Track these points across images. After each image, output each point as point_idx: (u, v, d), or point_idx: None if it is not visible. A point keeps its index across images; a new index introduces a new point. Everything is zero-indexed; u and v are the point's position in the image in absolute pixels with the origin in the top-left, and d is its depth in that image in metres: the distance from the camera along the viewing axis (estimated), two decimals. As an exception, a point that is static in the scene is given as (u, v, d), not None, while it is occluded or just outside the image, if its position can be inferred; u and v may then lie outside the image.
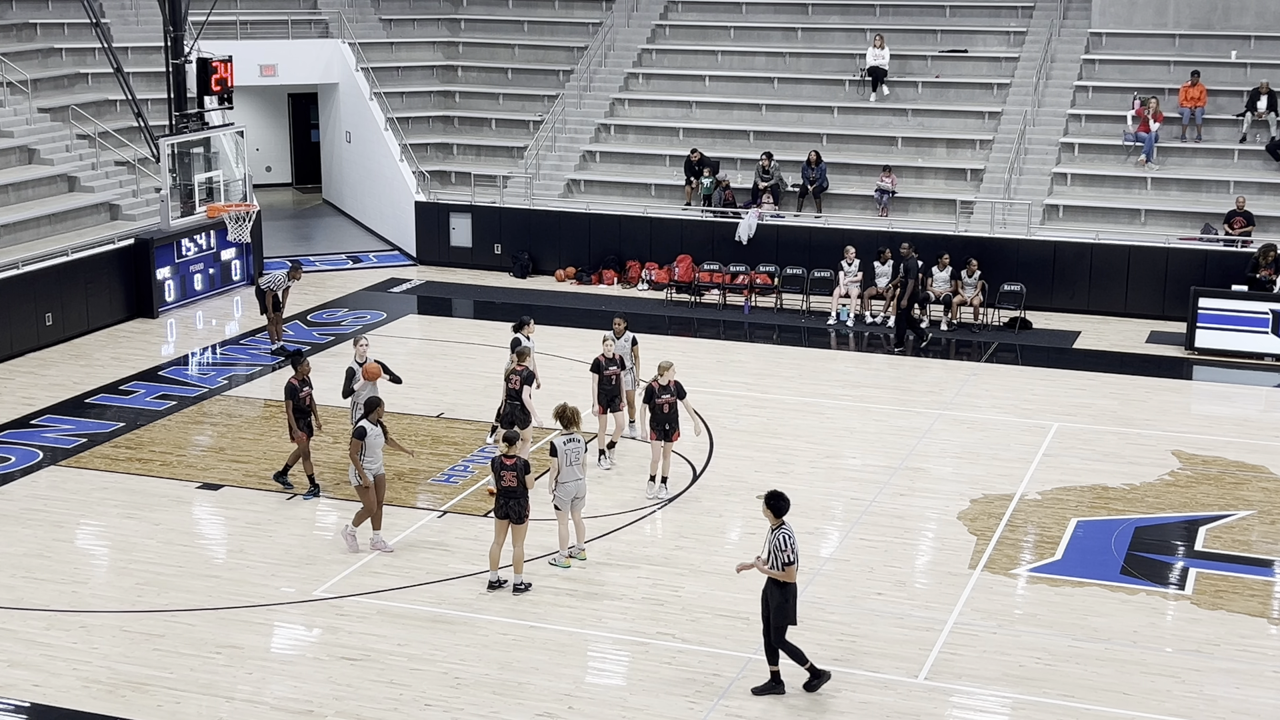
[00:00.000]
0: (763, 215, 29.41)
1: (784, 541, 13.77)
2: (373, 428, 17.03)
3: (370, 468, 16.98)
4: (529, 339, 20.53)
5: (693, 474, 19.68)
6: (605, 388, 19.80)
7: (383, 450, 17.22)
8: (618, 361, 19.96)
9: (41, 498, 18.91)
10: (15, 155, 28.35)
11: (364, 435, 16.94)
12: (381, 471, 17.20)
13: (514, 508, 16.00)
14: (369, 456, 16.96)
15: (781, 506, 13.97)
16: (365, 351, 19.41)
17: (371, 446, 16.99)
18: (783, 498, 14.03)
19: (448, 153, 34.06)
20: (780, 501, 13.98)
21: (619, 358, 20.06)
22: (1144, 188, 29.18)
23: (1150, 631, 15.44)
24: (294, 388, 18.66)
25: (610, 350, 19.95)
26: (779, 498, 13.99)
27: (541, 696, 13.91)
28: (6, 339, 24.65)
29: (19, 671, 14.47)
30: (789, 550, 13.74)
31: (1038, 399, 22.92)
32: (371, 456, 16.99)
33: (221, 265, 29.15)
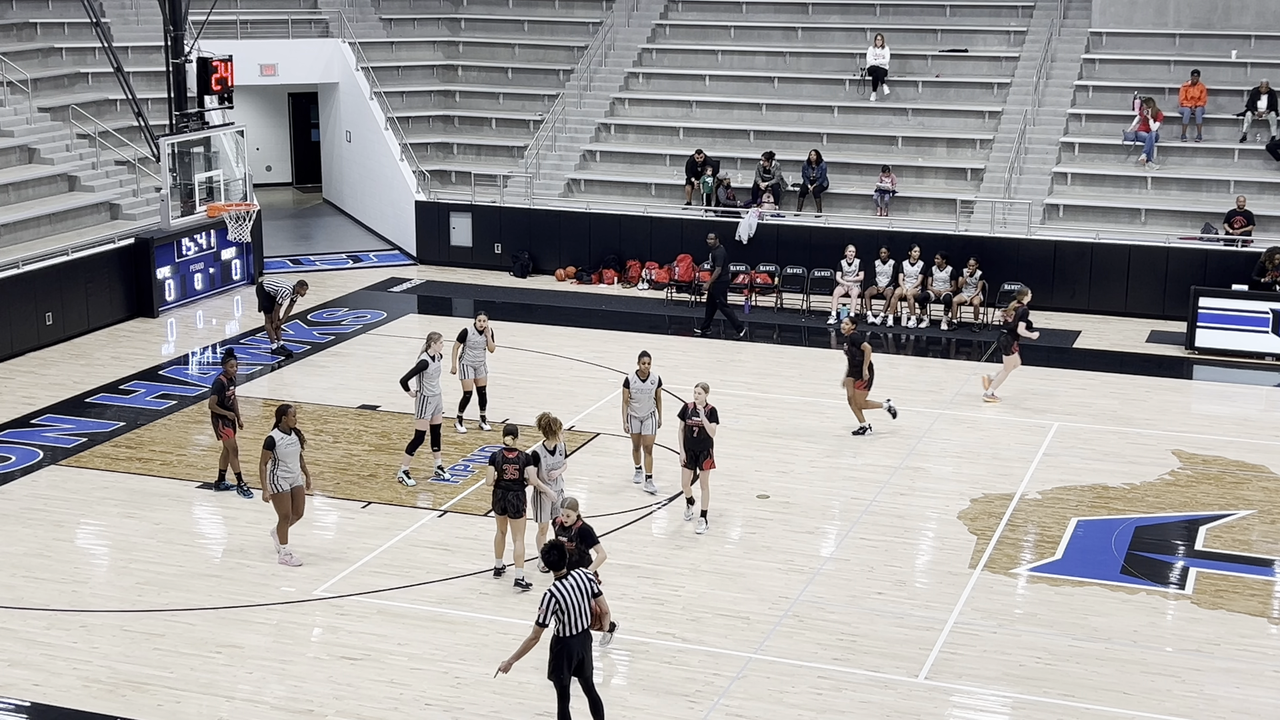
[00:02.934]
0: (763, 215, 29.41)
1: (544, 598, 12.63)
2: (284, 436, 16.49)
3: (287, 476, 16.50)
4: (480, 332, 20.83)
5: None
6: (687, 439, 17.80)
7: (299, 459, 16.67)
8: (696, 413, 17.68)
9: (42, 497, 18.91)
10: (15, 155, 28.35)
11: (273, 445, 16.41)
12: (299, 483, 16.65)
13: (512, 501, 16.04)
14: (282, 466, 16.47)
15: (551, 559, 12.76)
16: (439, 347, 19.30)
17: (284, 455, 16.45)
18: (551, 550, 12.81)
19: (448, 152, 34.05)
20: (551, 553, 12.78)
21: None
22: (1144, 187, 29.18)
23: (1150, 631, 15.44)
24: (221, 385, 18.61)
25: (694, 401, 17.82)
26: (549, 550, 12.82)
27: (542, 696, 13.90)
28: (7, 338, 24.65)
29: (19, 671, 14.47)
30: (541, 609, 12.58)
31: (1038, 398, 22.92)
32: (286, 465, 16.48)
33: (222, 265, 29.15)
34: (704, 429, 17.53)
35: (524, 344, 25.51)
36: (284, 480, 16.59)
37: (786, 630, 15.36)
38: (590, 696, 12.96)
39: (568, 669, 12.74)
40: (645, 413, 18.69)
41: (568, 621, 12.62)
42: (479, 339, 20.89)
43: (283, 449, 16.51)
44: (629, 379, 18.73)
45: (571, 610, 12.60)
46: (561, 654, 12.71)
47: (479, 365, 20.97)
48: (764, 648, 14.98)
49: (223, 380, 18.68)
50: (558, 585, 12.64)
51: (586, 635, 12.80)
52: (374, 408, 22.20)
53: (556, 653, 12.73)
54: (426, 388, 19.03)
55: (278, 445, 16.50)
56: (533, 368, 24.26)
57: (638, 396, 18.61)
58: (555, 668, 12.77)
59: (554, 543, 12.93)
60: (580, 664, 12.80)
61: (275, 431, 16.59)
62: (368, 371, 24.00)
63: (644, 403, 18.64)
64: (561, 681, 12.78)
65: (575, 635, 12.67)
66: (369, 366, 24.32)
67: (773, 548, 17.38)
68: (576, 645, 12.71)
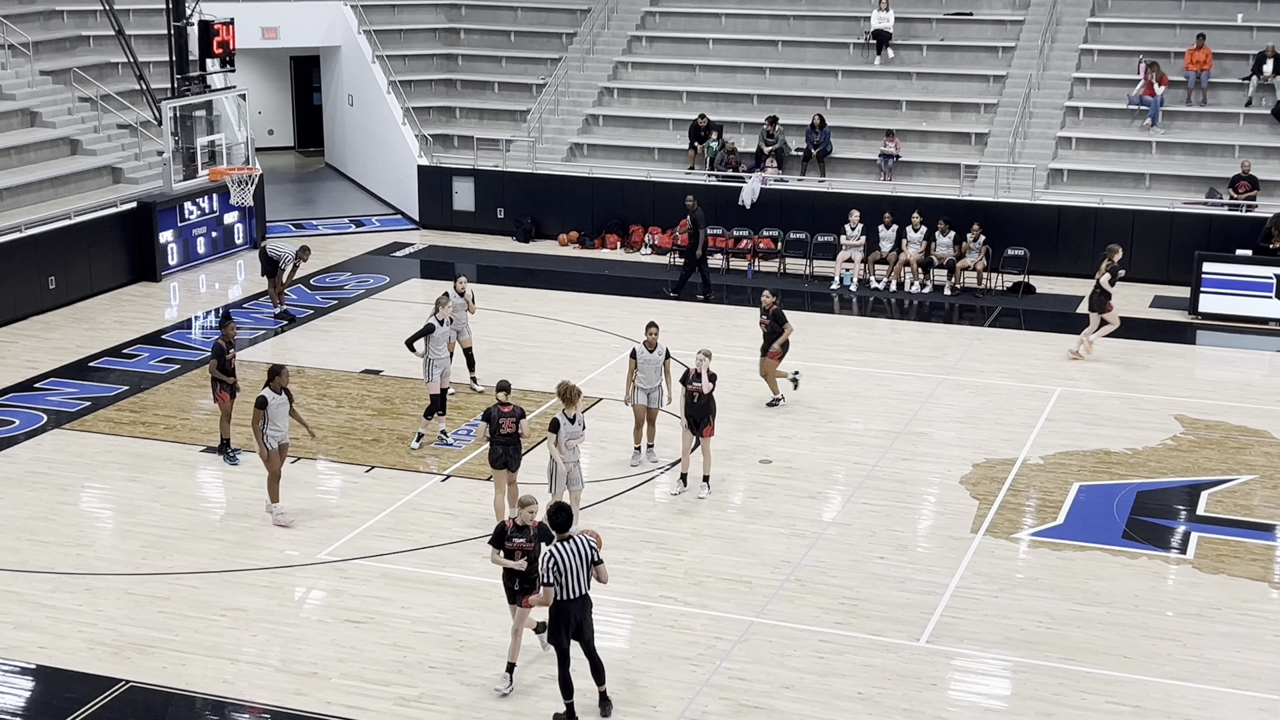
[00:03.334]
0: (766, 179, 29.34)
1: (543, 558, 12.73)
2: (275, 396, 16.69)
3: (276, 435, 16.72)
4: (461, 294, 20.80)
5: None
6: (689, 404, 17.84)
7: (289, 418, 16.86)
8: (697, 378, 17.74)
9: (45, 461, 18.95)
10: (17, 118, 28.28)
11: (264, 405, 16.61)
12: (286, 440, 16.90)
13: (513, 455, 16.43)
14: (272, 425, 16.69)
15: (558, 520, 12.75)
16: (448, 310, 19.36)
17: (275, 415, 16.67)
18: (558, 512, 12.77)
19: (450, 116, 33.95)
20: (558, 515, 12.76)
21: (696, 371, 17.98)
22: (1149, 152, 29.09)
23: (1151, 595, 15.48)
24: (220, 349, 18.63)
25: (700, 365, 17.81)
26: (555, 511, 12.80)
27: (543, 659, 13.96)
28: (9, 302, 24.65)
29: (24, 634, 14.54)
30: (541, 569, 12.71)
31: (1041, 363, 22.92)
32: (276, 424, 16.70)
33: (224, 229, 29.12)
34: (704, 395, 17.50)
35: (526, 309, 25.51)
36: (272, 439, 16.74)
37: (788, 594, 15.41)
38: (591, 659, 13.01)
39: (565, 633, 12.78)
40: (652, 385, 18.42)
41: (566, 585, 12.65)
42: (459, 301, 20.86)
43: (274, 408, 16.66)
44: (636, 350, 18.45)
45: (569, 574, 12.63)
46: (559, 618, 12.74)
47: (461, 328, 20.96)
48: (766, 612, 15.04)
49: (221, 344, 18.70)
50: (558, 547, 12.68)
51: (585, 600, 12.82)
52: (377, 372, 22.21)
53: (554, 616, 12.77)
54: (433, 351, 19.05)
55: (269, 404, 16.62)
56: (535, 333, 24.26)
57: (644, 368, 18.36)
58: (553, 631, 12.83)
59: (560, 504, 12.95)
60: (579, 628, 12.84)
61: (266, 391, 16.74)
62: (370, 336, 24.01)
63: (651, 375, 18.39)
64: (561, 644, 12.82)
65: (573, 600, 12.71)
66: (371, 331, 24.32)
67: (775, 512, 17.42)
68: (574, 609, 12.74)
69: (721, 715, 13.16)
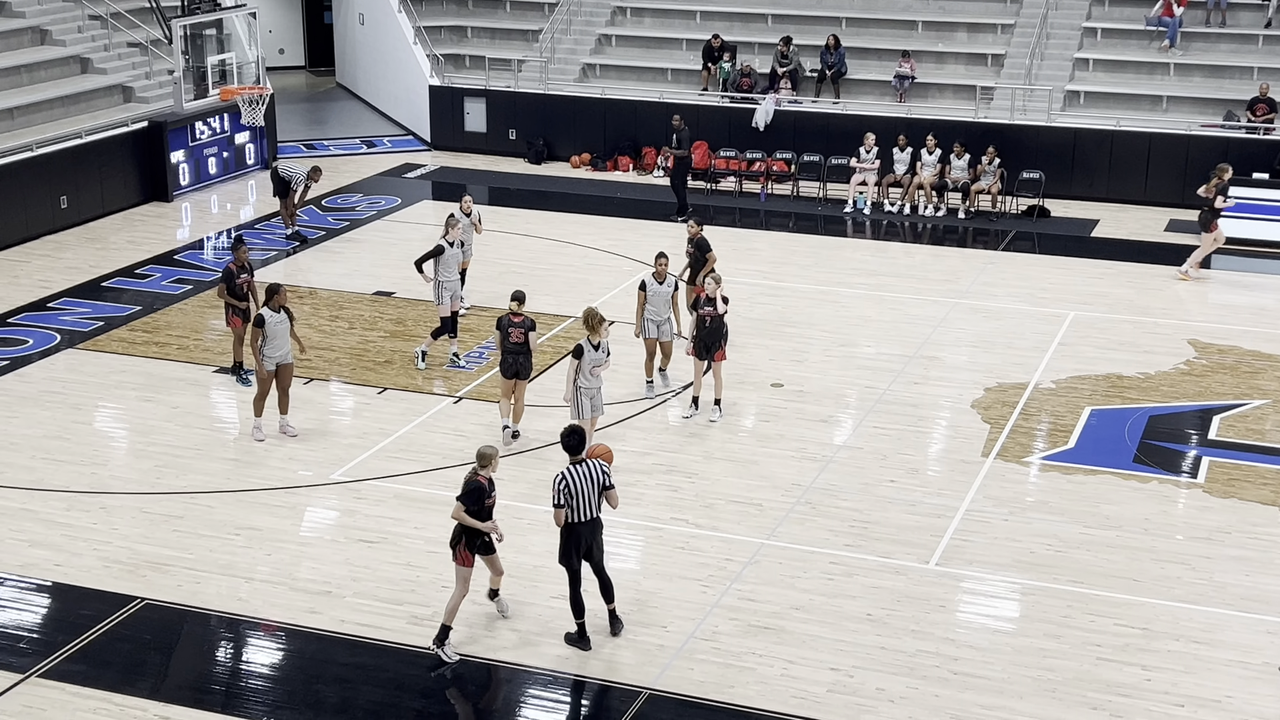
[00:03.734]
0: (780, 101, 29.11)
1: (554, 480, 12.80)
2: (273, 314, 16.72)
3: (274, 355, 16.78)
4: (467, 214, 20.75)
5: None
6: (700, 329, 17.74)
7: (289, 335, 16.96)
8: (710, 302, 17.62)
9: (60, 380, 19.02)
10: (27, 36, 28.10)
11: (262, 323, 16.67)
12: (288, 360, 16.96)
13: (522, 364, 16.68)
14: (270, 344, 16.74)
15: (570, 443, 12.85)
16: (457, 232, 19.31)
17: (273, 334, 16.71)
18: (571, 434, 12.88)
19: (462, 35, 33.68)
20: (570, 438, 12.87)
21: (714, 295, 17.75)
22: (1166, 74, 28.80)
23: (1161, 519, 15.53)
24: (231, 273, 18.58)
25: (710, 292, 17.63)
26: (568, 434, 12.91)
27: (554, 579, 14.03)
28: (22, 222, 24.65)
29: (40, 551, 14.67)
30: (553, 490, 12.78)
31: (1054, 288, 22.85)
32: (274, 344, 16.75)
33: (235, 149, 29.02)
34: (716, 318, 17.47)
35: (538, 231, 25.44)
36: (269, 360, 16.82)
37: (799, 517, 15.48)
38: (601, 578, 13.11)
39: (576, 554, 12.87)
40: (661, 317, 18.25)
41: (576, 507, 12.72)
42: (466, 221, 20.79)
43: (272, 327, 16.69)
44: (645, 281, 18.23)
45: (580, 496, 12.70)
46: (570, 539, 12.83)
47: (466, 248, 20.93)
48: (776, 534, 15.11)
49: (232, 269, 18.64)
50: (569, 469, 12.74)
51: (596, 523, 12.89)
52: (389, 294, 22.21)
53: (565, 538, 12.85)
54: (442, 273, 19.03)
55: (267, 323, 16.66)
56: (547, 255, 24.21)
57: (654, 300, 18.15)
58: (564, 552, 12.90)
59: (573, 427, 12.99)
60: (589, 550, 12.92)
61: (265, 309, 16.77)
62: (382, 258, 23.98)
63: (660, 306, 18.20)
64: (571, 565, 12.91)
65: (584, 522, 12.78)
66: (383, 253, 24.29)
67: (786, 436, 17.46)
68: (585, 532, 12.82)
69: (732, 635, 13.27)
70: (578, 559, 12.90)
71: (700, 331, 17.60)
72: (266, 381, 16.98)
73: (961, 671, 12.77)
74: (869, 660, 12.90)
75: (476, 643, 13.13)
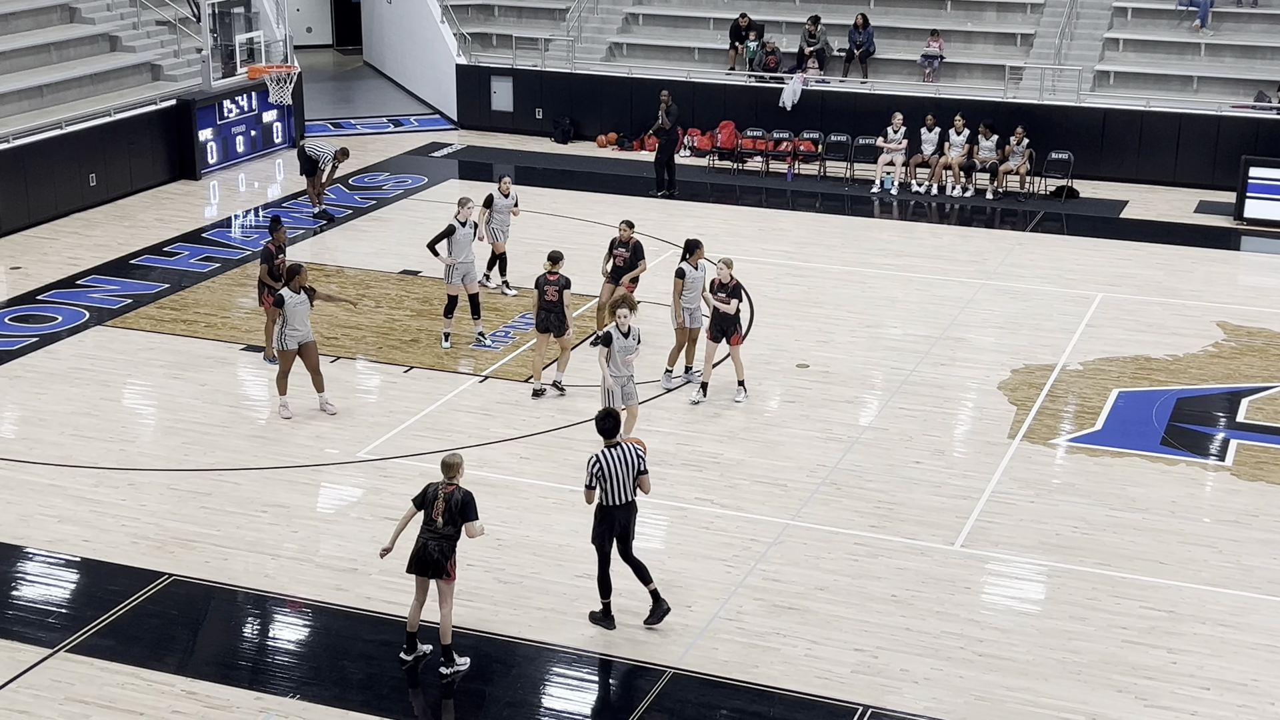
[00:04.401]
0: (807, 81, 29.01)
1: (589, 462, 12.77)
2: (293, 295, 16.76)
3: (295, 335, 16.86)
4: (505, 195, 20.75)
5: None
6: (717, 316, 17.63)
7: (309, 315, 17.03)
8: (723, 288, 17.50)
9: (88, 357, 19.13)
10: (57, 14, 28.20)
11: (282, 303, 16.76)
12: (310, 339, 17.03)
13: (554, 322, 17.41)
14: (291, 324, 16.81)
15: (605, 426, 12.77)
16: (469, 212, 19.20)
17: (293, 314, 16.77)
18: (606, 418, 12.81)
19: (489, 14, 33.64)
20: (605, 421, 12.80)
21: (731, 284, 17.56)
22: (1197, 54, 28.58)
23: (1189, 502, 15.47)
24: (270, 253, 18.63)
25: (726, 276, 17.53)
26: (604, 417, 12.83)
27: (580, 559, 14.10)
28: (51, 199, 24.77)
29: (69, 527, 14.77)
30: (586, 472, 12.74)
31: (1083, 269, 22.74)
32: (295, 324, 16.82)
33: (263, 127, 29.08)
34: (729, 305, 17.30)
35: (564, 210, 25.44)
36: (291, 339, 16.89)
37: (824, 498, 15.47)
38: (632, 565, 13.02)
39: (609, 536, 12.88)
40: (694, 304, 17.90)
41: (610, 490, 12.71)
42: (505, 202, 20.80)
43: (291, 308, 16.74)
44: (683, 269, 17.79)
45: (613, 479, 12.69)
46: (604, 521, 12.84)
47: (504, 228, 20.96)
48: (801, 514, 15.11)
49: (271, 249, 18.69)
50: (605, 452, 12.72)
51: (630, 506, 12.86)
52: (415, 273, 22.25)
53: (599, 519, 12.86)
54: (455, 254, 18.93)
55: (287, 304, 16.72)
56: (573, 234, 24.21)
57: (691, 287, 17.72)
58: (597, 534, 12.90)
59: (608, 410, 12.94)
60: (624, 533, 12.91)
61: (285, 290, 16.83)
62: (408, 237, 24.01)
63: (697, 293, 17.86)
64: (603, 547, 12.92)
65: (618, 505, 12.78)
66: (410, 232, 24.32)
67: (811, 417, 17.44)
68: (619, 515, 12.81)
69: (756, 615, 13.28)
70: (610, 541, 12.91)
71: (715, 316, 17.50)
72: (288, 360, 17.05)
73: (986, 653, 12.76)
74: (893, 641, 12.90)
75: (502, 621, 13.17)
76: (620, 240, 19.32)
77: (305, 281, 16.96)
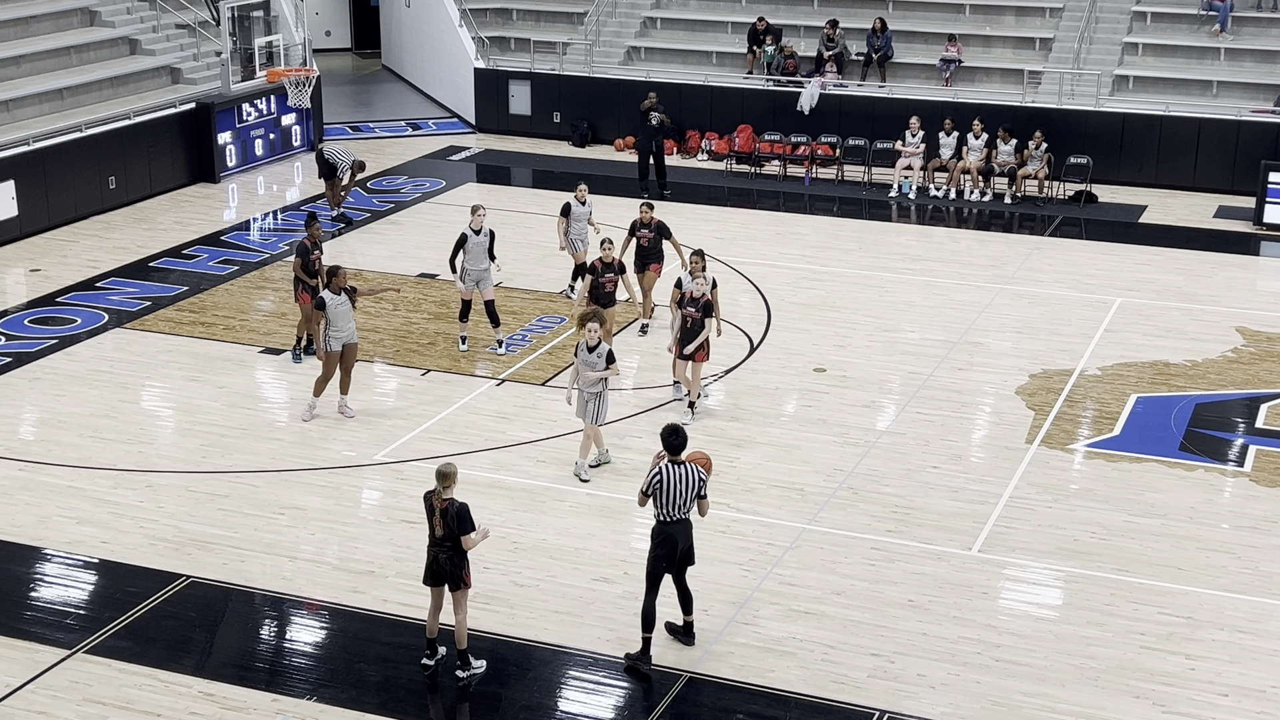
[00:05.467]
0: (825, 85, 28.99)
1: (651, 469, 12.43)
2: (334, 296, 16.81)
3: (339, 336, 16.90)
4: (583, 203, 20.47)
5: (749, 346, 19.68)
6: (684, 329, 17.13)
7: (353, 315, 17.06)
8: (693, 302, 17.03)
9: (107, 359, 19.20)
10: (76, 17, 28.32)
11: (324, 306, 16.79)
12: (354, 340, 17.06)
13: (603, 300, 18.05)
14: (334, 326, 16.86)
15: (673, 443, 12.42)
16: (483, 220, 18.84)
17: (335, 315, 16.81)
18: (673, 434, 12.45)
19: (507, 18, 33.70)
20: (673, 437, 12.43)
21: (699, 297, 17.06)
22: (1217, 58, 28.49)
23: (1207, 508, 15.41)
24: (305, 249, 18.71)
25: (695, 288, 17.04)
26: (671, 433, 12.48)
27: (597, 561, 14.11)
28: (70, 202, 24.87)
29: (87, 528, 14.82)
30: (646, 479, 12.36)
31: (1101, 274, 22.68)
32: (338, 325, 16.86)
33: (282, 131, 29.16)
34: (696, 321, 16.82)
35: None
36: (335, 340, 16.92)
37: (841, 502, 15.45)
38: (681, 589, 12.69)
39: (668, 560, 12.38)
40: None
41: (665, 505, 12.32)
42: (583, 210, 20.51)
43: (333, 309, 16.77)
44: (681, 279, 17.38)
45: (670, 495, 12.28)
46: (664, 544, 12.33)
47: (584, 237, 20.63)
48: (818, 519, 15.09)
49: (306, 244, 18.76)
50: (669, 465, 12.35)
51: (687, 523, 12.46)
52: (433, 276, 22.29)
53: (659, 542, 12.35)
54: (469, 261, 18.83)
55: (329, 306, 16.76)
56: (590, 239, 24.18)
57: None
58: (654, 558, 12.39)
59: (675, 427, 12.48)
60: (685, 554, 12.50)
61: (326, 293, 16.91)
62: (426, 240, 24.06)
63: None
64: (656, 573, 12.37)
65: (674, 521, 12.34)
66: (427, 235, 24.37)
67: (828, 421, 17.42)
68: (677, 532, 12.37)
69: (772, 620, 13.27)
70: (666, 567, 12.43)
71: (683, 332, 17.00)
72: (332, 363, 17.04)
73: (1003, 659, 12.72)
74: (910, 646, 12.87)
75: (518, 624, 13.18)
76: (642, 221, 19.60)
77: (345, 282, 17.00)
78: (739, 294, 21.56)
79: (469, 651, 12.45)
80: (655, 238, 19.64)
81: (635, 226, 19.70)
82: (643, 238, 19.66)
